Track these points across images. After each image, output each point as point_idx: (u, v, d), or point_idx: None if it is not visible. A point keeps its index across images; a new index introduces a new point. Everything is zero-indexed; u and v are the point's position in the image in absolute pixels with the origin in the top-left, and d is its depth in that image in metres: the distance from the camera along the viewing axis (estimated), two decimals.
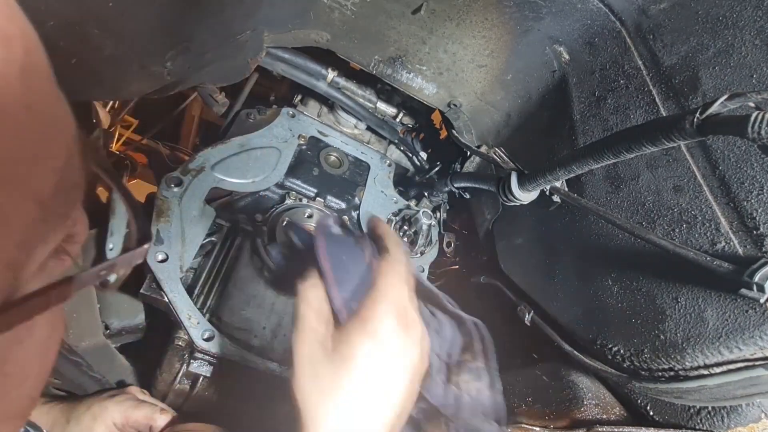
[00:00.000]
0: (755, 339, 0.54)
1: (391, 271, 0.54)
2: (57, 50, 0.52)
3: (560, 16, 0.87)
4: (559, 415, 0.79)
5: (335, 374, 0.48)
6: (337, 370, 0.48)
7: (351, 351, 0.49)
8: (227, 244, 0.92)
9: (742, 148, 0.61)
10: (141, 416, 0.79)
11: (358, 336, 0.49)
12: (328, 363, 0.49)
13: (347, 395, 0.48)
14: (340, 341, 0.50)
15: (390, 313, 0.51)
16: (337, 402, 0.48)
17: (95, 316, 0.86)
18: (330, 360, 0.49)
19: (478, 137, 1.20)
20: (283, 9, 0.93)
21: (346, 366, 0.48)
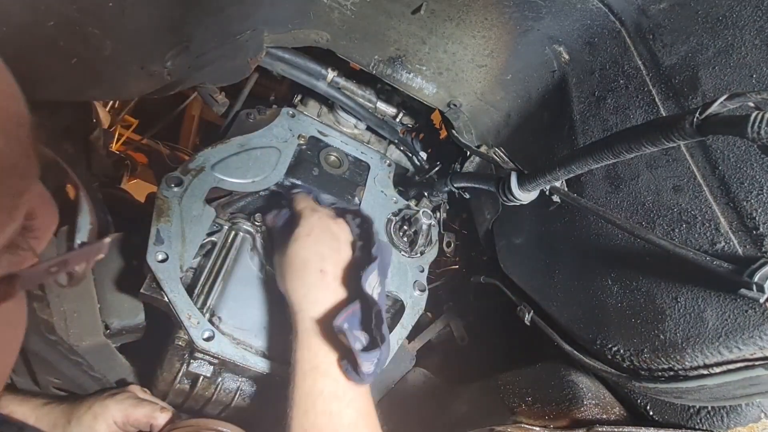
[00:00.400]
0: (755, 339, 0.54)
1: (294, 196, 0.91)
2: (57, 50, 0.52)
3: (560, 16, 0.87)
4: (558, 415, 0.79)
5: (288, 256, 0.78)
6: (288, 253, 0.78)
7: (292, 238, 0.79)
8: (227, 244, 0.92)
9: (741, 148, 0.61)
10: (141, 415, 0.79)
11: (292, 230, 0.81)
12: (283, 253, 0.80)
13: (297, 263, 0.77)
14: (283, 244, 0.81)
15: (307, 218, 0.83)
16: (293, 269, 0.77)
17: (95, 316, 0.86)
18: (283, 252, 0.80)
19: (478, 137, 1.20)
20: (282, 9, 0.93)
21: (291, 247, 0.78)
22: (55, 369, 0.85)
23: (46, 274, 0.31)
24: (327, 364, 0.69)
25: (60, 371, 0.86)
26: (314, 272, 0.76)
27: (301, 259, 0.77)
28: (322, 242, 0.79)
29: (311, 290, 0.75)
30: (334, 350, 0.71)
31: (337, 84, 1.16)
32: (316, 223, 0.81)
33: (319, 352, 0.70)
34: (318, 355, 0.70)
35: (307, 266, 0.76)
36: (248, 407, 0.88)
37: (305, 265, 0.77)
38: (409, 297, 1.03)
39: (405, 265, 1.07)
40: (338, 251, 0.80)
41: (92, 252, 0.35)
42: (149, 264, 0.79)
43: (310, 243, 0.78)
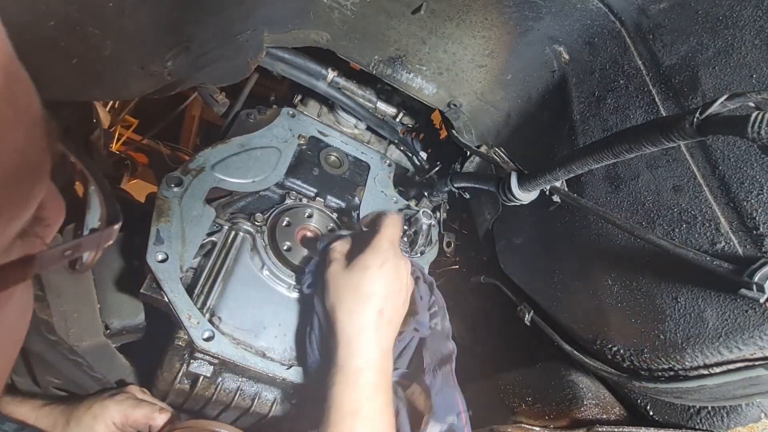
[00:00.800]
0: (755, 339, 0.54)
1: (388, 220, 0.85)
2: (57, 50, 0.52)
3: (560, 16, 0.87)
4: (559, 415, 0.79)
5: (351, 279, 0.76)
6: (351, 276, 0.76)
7: (361, 263, 0.77)
8: (227, 244, 0.92)
9: (741, 148, 0.61)
10: (140, 415, 0.79)
11: (365, 255, 0.78)
12: (346, 273, 0.77)
13: (360, 292, 0.75)
14: (354, 261, 0.78)
15: (388, 241, 0.81)
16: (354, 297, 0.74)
17: (95, 316, 0.86)
18: (347, 271, 0.77)
19: (478, 137, 1.20)
20: (283, 9, 0.93)
21: (358, 273, 0.76)
22: (55, 369, 0.85)
23: (60, 256, 0.32)
24: (368, 410, 0.67)
25: (60, 371, 0.86)
26: (374, 310, 0.74)
27: (365, 292, 0.74)
28: (389, 281, 0.77)
29: (366, 330, 0.72)
30: (378, 398, 0.69)
31: (337, 84, 1.16)
32: (390, 258, 0.78)
33: (362, 395, 0.68)
34: (361, 399, 0.68)
35: (370, 301, 0.74)
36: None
37: (369, 299, 0.74)
38: None
39: None
40: (399, 294, 0.78)
41: (103, 238, 0.36)
42: (149, 264, 0.79)
43: (378, 277, 0.76)
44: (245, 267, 0.91)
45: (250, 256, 0.93)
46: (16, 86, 0.27)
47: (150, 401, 0.84)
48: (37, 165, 0.30)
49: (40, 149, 0.29)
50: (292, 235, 0.98)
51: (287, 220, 0.99)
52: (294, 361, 0.86)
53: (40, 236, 0.33)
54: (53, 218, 0.35)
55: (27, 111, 0.28)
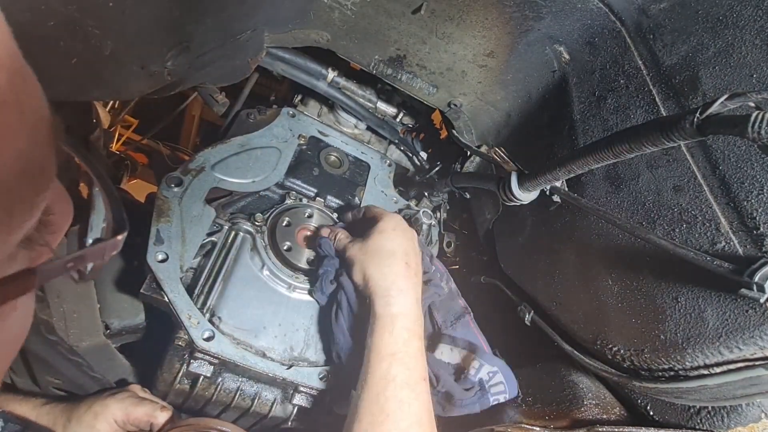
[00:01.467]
0: (755, 339, 0.54)
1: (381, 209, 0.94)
2: (57, 50, 0.52)
3: (560, 16, 0.87)
4: (559, 415, 0.79)
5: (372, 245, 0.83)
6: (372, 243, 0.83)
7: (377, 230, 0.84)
8: (227, 244, 0.92)
9: (742, 148, 0.61)
10: (142, 413, 0.79)
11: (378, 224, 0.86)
12: (366, 243, 0.84)
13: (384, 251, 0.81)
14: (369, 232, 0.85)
15: (391, 216, 0.88)
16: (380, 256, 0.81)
17: (95, 316, 0.86)
18: (366, 242, 0.84)
19: (478, 137, 1.20)
20: (283, 9, 0.93)
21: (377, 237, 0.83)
22: (55, 369, 0.85)
23: (62, 268, 0.31)
24: (404, 353, 0.72)
25: (60, 372, 0.85)
26: (401, 263, 0.80)
27: (388, 250, 0.81)
28: (404, 238, 0.84)
29: (399, 279, 0.78)
30: (413, 344, 0.74)
31: (338, 84, 1.16)
32: (399, 221, 0.87)
33: (399, 339, 0.73)
34: (398, 342, 0.72)
35: (395, 256, 0.81)
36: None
37: (393, 255, 0.81)
38: None
39: None
40: (414, 251, 0.85)
41: (107, 248, 0.35)
42: (149, 264, 0.79)
43: (396, 236, 0.83)
44: (245, 267, 0.91)
45: (250, 256, 0.93)
46: (20, 85, 0.26)
47: (151, 399, 0.84)
48: (42, 168, 0.29)
49: (45, 152, 0.28)
50: (292, 235, 0.98)
51: (287, 220, 0.99)
52: (294, 361, 0.86)
53: (46, 243, 0.32)
54: (60, 223, 0.34)
55: (31, 111, 0.27)
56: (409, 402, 0.68)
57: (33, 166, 0.27)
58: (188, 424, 0.77)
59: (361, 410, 0.67)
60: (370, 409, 0.67)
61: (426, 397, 0.71)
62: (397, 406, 0.67)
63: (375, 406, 0.67)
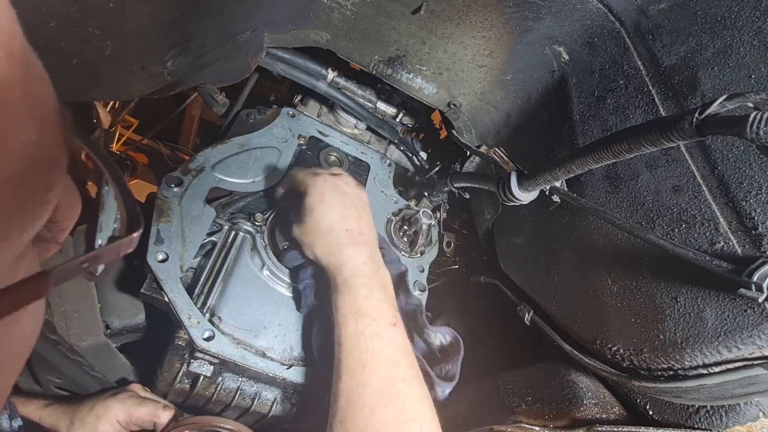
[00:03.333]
0: (754, 338, 0.54)
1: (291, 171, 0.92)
2: (58, 51, 0.52)
3: (559, 17, 0.87)
4: (558, 415, 0.79)
5: (308, 226, 0.82)
6: (307, 224, 0.82)
7: (305, 210, 0.82)
8: (227, 244, 0.92)
9: (740, 148, 0.61)
10: (144, 413, 0.79)
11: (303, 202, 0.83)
12: (302, 226, 0.83)
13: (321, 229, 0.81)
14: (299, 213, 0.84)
15: (314, 185, 0.83)
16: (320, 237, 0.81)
17: (96, 316, 0.86)
18: (302, 224, 0.83)
19: (477, 137, 1.20)
20: (283, 9, 0.93)
21: (308, 217, 0.81)
22: (55, 368, 0.85)
23: (78, 269, 0.30)
24: (366, 306, 0.73)
25: (61, 371, 0.86)
26: (341, 233, 0.80)
27: (325, 225, 0.81)
28: (337, 203, 0.82)
29: (344, 249, 0.79)
30: (373, 296, 0.75)
31: (337, 84, 1.16)
32: (324, 186, 0.84)
33: (358, 296, 0.74)
34: (357, 300, 0.74)
35: (333, 230, 0.80)
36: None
37: (330, 230, 0.80)
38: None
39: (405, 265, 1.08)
40: (354, 207, 0.84)
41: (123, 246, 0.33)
42: (149, 264, 0.79)
43: (326, 208, 0.82)
44: (245, 267, 0.91)
45: (250, 256, 0.93)
46: (29, 73, 0.24)
47: (153, 399, 0.84)
48: (53, 162, 0.27)
49: (56, 141, 0.27)
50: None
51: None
52: (294, 361, 0.86)
53: (53, 239, 0.31)
54: (67, 218, 0.33)
55: (41, 100, 0.26)
56: (382, 349, 0.70)
57: (44, 159, 0.25)
58: (191, 422, 0.78)
59: (341, 369, 0.69)
60: (348, 365, 0.69)
61: (399, 339, 0.73)
62: (371, 356, 0.69)
63: (351, 361, 0.69)
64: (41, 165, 0.25)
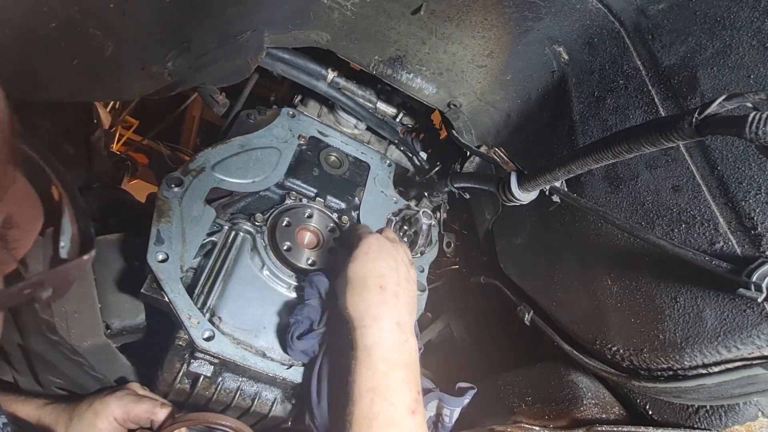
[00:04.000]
0: (753, 338, 0.54)
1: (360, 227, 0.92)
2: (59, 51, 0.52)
3: (559, 17, 0.87)
4: (558, 415, 0.79)
5: (347, 275, 0.79)
6: (347, 273, 0.79)
7: (350, 259, 0.80)
8: (227, 244, 0.92)
9: (740, 148, 0.61)
10: (142, 411, 0.79)
11: (352, 253, 0.81)
12: (343, 275, 0.80)
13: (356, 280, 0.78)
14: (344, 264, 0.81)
15: (367, 240, 0.82)
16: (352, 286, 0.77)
17: (96, 316, 0.87)
18: (343, 274, 0.80)
19: (477, 137, 1.20)
20: (283, 10, 0.94)
21: (350, 267, 0.79)
22: (56, 369, 0.85)
23: (18, 296, 0.27)
24: (384, 386, 0.68)
25: (61, 371, 0.86)
26: (373, 288, 0.76)
27: (360, 276, 0.78)
28: (380, 260, 0.80)
29: (371, 306, 0.75)
30: (394, 375, 0.69)
31: (338, 84, 1.16)
32: (373, 242, 0.82)
33: (377, 372, 0.69)
34: (376, 376, 0.68)
35: (366, 283, 0.77)
36: None
37: (363, 282, 0.77)
38: None
39: None
40: (396, 270, 0.80)
41: (72, 270, 0.31)
42: (150, 264, 0.79)
43: (367, 261, 0.79)
44: (245, 267, 0.92)
45: (250, 256, 0.93)
46: None
47: (151, 396, 0.84)
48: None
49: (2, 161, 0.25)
50: (292, 235, 0.98)
51: (287, 220, 0.99)
52: (294, 361, 0.86)
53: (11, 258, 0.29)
54: (24, 236, 0.30)
55: None
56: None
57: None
58: (188, 419, 0.77)
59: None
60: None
61: (416, 430, 0.67)
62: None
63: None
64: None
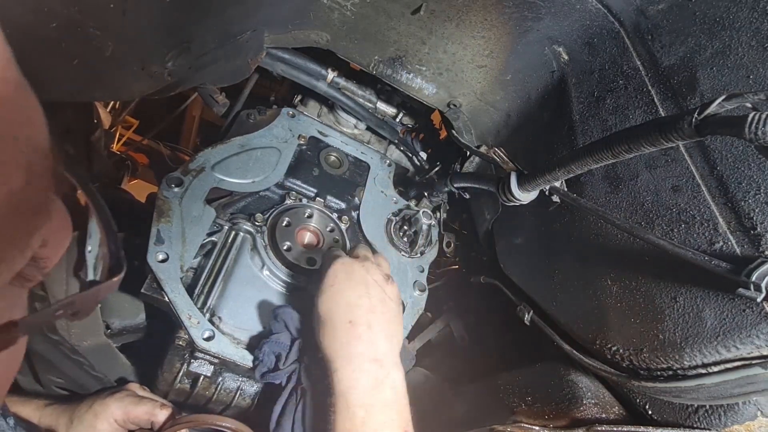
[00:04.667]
0: (752, 338, 0.54)
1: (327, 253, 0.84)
2: (59, 51, 0.52)
3: (559, 17, 0.87)
4: (558, 415, 0.79)
5: (315, 314, 0.74)
6: (314, 312, 0.74)
7: (316, 296, 0.75)
8: (227, 244, 0.92)
9: (739, 148, 0.61)
10: (142, 412, 0.80)
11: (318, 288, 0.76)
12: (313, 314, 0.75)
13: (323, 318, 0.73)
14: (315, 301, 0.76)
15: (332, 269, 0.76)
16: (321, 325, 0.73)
17: (97, 316, 0.87)
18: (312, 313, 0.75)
19: (477, 137, 1.20)
20: (283, 9, 0.94)
21: (316, 304, 0.74)
22: (57, 369, 0.86)
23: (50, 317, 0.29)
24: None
25: (62, 371, 0.86)
26: (342, 325, 0.71)
27: (327, 312, 0.73)
28: (347, 290, 0.74)
29: (342, 346, 0.70)
30: (372, 420, 0.65)
31: (337, 84, 1.16)
32: (339, 270, 0.76)
33: (356, 419, 0.64)
34: (355, 424, 0.64)
35: (333, 319, 0.72)
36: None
37: (331, 318, 0.72)
38: (409, 297, 1.03)
39: (405, 265, 1.08)
40: (367, 296, 0.74)
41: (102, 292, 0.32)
42: (150, 264, 0.79)
43: (334, 294, 0.73)
44: (245, 267, 0.92)
45: (250, 256, 0.93)
46: (21, 116, 0.23)
47: (151, 397, 0.84)
48: (37, 208, 0.26)
49: (43, 187, 0.26)
50: (292, 235, 0.98)
51: (287, 220, 0.99)
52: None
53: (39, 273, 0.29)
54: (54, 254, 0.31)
55: (31, 145, 0.24)
56: None
57: (26, 207, 0.24)
58: (188, 420, 0.78)
59: None
60: None
61: None
62: None
63: None
64: (23, 213, 0.24)
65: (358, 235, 1.09)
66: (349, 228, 1.08)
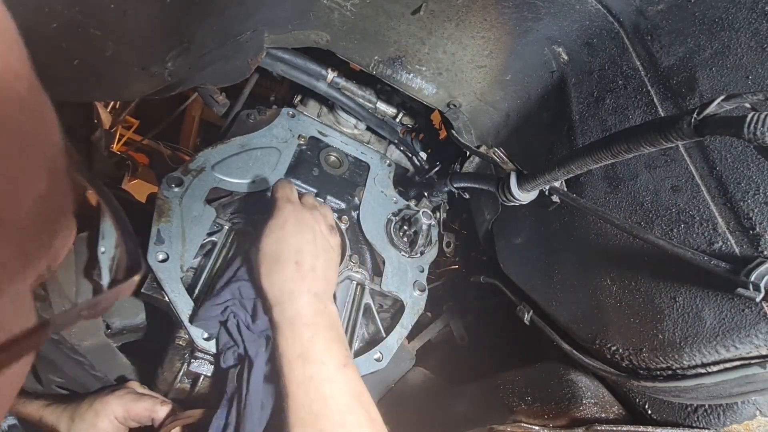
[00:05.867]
0: (751, 338, 0.55)
1: (276, 185, 0.86)
2: (59, 52, 0.53)
3: (559, 17, 0.87)
4: (558, 414, 0.79)
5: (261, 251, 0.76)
6: (260, 248, 0.76)
7: (264, 233, 0.77)
8: (227, 244, 0.92)
9: (738, 148, 0.62)
10: (142, 409, 0.80)
11: (265, 225, 0.78)
12: (256, 250, 0.77)
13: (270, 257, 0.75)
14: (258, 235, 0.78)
15: (282, 209, 0.79)
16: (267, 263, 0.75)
17: None
18: (256, 248, 0.77)
19: (477, 137, 1.20)
20: (283, 10, 0.94)
21: (264, 242, 0.76)
22: (57, 368, 0.86)
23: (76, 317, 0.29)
24: (312, 350, 0.68)
25: (62, 370, 0.86)
26: (289, 264, 0.74)
27: (274, 252, 0.75)
28: (297, 234, 0.77)
29: (287, 283, 0.73)
30: (319, 336, 0.70)
31: (337, 84, 1.16)
32: (290, 214, 0.79)
33: (303, 338, 0.69)
34: (302, 342, 0.69)
35: (281, 259, 0.75)
36: None
37: (278, 258, 0.75)
38: (409, 297, 1.04)
39: (405, 265, 1.08)
40: (314, 243, 0.78)
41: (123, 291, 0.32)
42: (150, 264, 0.79)
43: (283, 235, 0.76)
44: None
45: None
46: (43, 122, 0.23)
47: (150, 395, 0.84)
48: (61, 206, 0.26)
49: (64, 189, 0.26)
50: None
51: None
52: None
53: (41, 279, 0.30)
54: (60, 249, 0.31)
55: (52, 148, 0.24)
56: (334, 395, 0.65)
57: (51, 209, 0.25)
58: (188, 416, 0.78)
59: (290, 420, 0.64)
60: (298, 416, 0.64)
61: (352, 381, 0.68)
62: (323, 404, 0.64)
63: (302, 412, 0.64)
64: (49, 215, 0.25)
65: (358, 235, 1.09)
66: (349, 228, 1.08)
